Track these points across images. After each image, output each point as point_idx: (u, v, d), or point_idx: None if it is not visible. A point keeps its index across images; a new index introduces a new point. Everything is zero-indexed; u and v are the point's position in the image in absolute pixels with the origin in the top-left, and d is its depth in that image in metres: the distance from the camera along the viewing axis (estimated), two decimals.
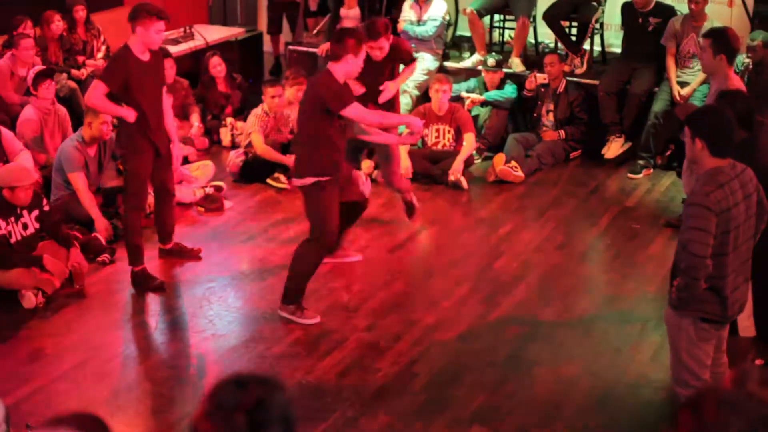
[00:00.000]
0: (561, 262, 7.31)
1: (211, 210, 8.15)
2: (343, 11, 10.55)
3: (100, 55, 10.05)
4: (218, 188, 8.41)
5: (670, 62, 8.97)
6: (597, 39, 10.01)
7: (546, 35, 10.22)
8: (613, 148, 9.28)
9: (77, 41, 9.92)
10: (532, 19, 9.97)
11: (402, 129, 7.17)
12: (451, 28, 10.51)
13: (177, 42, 10.66)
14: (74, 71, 9.66)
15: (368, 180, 7.39)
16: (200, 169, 8.48)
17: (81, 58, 9.88)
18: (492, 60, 9.53)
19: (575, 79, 9.55)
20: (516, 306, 6.60)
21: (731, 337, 5.04)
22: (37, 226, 6.71)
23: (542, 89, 9.35)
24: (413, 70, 7.73)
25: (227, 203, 8.27)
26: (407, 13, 9.96)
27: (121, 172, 8.09)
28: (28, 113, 8.26)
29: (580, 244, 7.82)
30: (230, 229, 7.84)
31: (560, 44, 9.96)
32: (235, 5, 12.65)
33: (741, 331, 5.79)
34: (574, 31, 9.93)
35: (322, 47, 9.99)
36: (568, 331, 6.27)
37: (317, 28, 11.43)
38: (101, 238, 7.26)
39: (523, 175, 8.79)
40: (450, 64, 10.13)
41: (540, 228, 7.91)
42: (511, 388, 5.61)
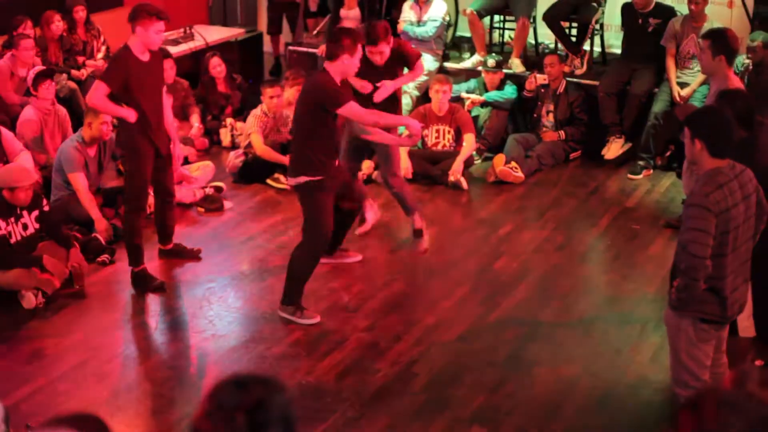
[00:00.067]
0: (561, 262, 7.31)
1: (211, 210, 8.15)
2: (343, 12, 10.56)
3: (100, 55, 10.05)
4: (218, 189, 8.42)
5: (670, 63, 8.97)
6: (597, 40, 10.01)
7: (546, 36, 10.22)
8: (613, 148, 9.28)
9: (77, 42, 9.92)
10: (532, 20, 9.97)
11: (402, 130, 7.17)
12: (451, 29, 10.51)
13: (177, 42, 10.66)
14: (74, 72, 9.66)
15: (376, 206, 7.38)
16: (200, 170, 8.48)
17: (81, 59, 9.88)
18: (492, 61, 9.53)
19: (575, 79, 9.55)
20: (516, 306, 6.60)
21: (731, 338, 5.04)
22: (37, 226, 6.71)
23: (542, 90, 9.35)
24: (416, 75, 7.42)
25: (227, 204, 8.27)
26: (407, 13, 9.96)
27: (121, 173, 8.09)
28: (28, 114, 8.25)
29: (580, 244, 7.82)
30: (230, 230, 7.84)
31: (560, 45, 9.97)
32: (235, 6, 12.65)
33: (741, 332, 5.80)
34: (574, 31, 9.93)
35: (322, 48, 9.99)
36: (568, 332, 6.27)
37: (317, 28, 11.43)
38: (101, 238, 7.26)
39: (523, 175, 8.79)
40: (450, 65, 10.13)
41: (540, 229, 7.91)
42: (511, 389, 5.62)
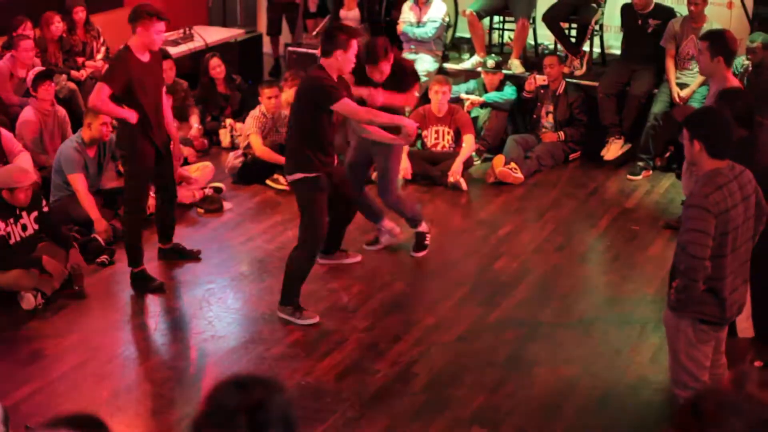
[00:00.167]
0: (560, 263, 7.31)
1: (210, 211, 8.15)
2: (342, 12, 10.57)
3: (99, 56, 10.05)
4: (218, 190, 8.42)
5: (670, 64, 8.97)
6: (596, 40, 10.02)
7: (545, 37, 10.22)
8: (613, 149, 9.28)
9: (77, 42, 9.92)
10: (531, 21, 9.97)
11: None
12: (450, 30, 10.51)
13: (176, 43, 10.65)
14: (74, 72, 9.66)
15: (397, 229, 7.34)
16: (199, 171, 8.47)
17: (80, 60, 9.88)
18: (491, 61, 9.52)
19: (575, 80, 9.55)
20: (515, 307, 6.60)
21: (730, 339, 5.04)
22: (36, 227, 6.71)
23: (542, 91, 9.35)
24: (406, 103, 7.08)
25: (227, 205, 8.27)
26: (407, 14, 9.97)
27: (120, 174, 8.09)
28: (27, 114, 8.25)
29: (579, 245, 7.82)
30: (229, 231, 7.84)
31: (560, 46, 9.97)
32: (234, 6, 12.65)
33: (740, 333, 5.79)
34: (573, 32, 9.93)
35: None
36: (568, 332, 6.27)
37: (317, 29, 11.42)
38: (100, 239, 7.26)
39: (522, 176, 8.79)
40: (449, 66, 10.13)
41: (539, 229, 7.91)
42: (511, 389, 5.62)
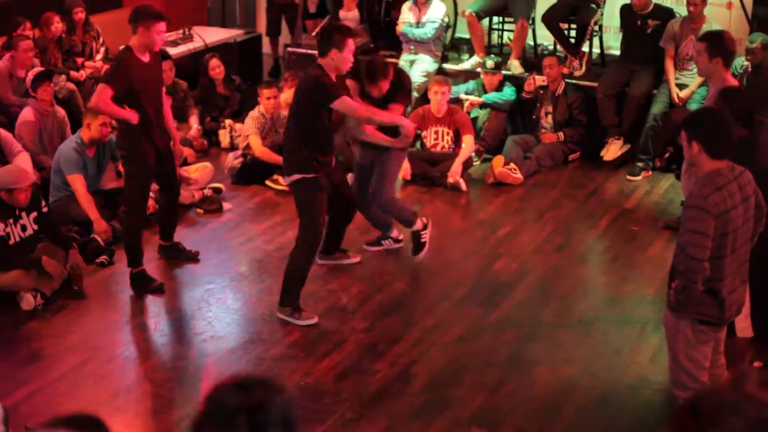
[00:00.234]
0: (560, 263, 7.31)
1: (209, 212, 8.15)
2: (341, 13, 10.57)
3: (98, 56, 10.06)
4: (217, 190, 8.41)
5: (669, 64, 8.97)
6: (596, 41, 10.02)
7: (545, 37, 10.22)
8: (612, 150, 9.28)
9: (76, 43, 9.93)
10: (530, 22, 9.97)
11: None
12: (450, 30, 10.51)
13: (176, 44, 10.65)
14: (73, 73, 9.66)
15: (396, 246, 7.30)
16: (199, 171, 8.47)
17: (80, 60, 9.89)
18: (491, 62, 9.53)
19: (574, 81, 9.55)
20: (515, 307, 6.60)
21: (729, 339, 5.04)
22: (35, 227, 6.71)
23: (541, 91, 9.35)
24: (393, 120, 6.66)
25: (226, 205, 8.27)
26: (406, 15, 9.97)
27: (120, 174, 8.08)
28: (26, 115, 8.24)
29: (579, 245, 7.82)
30: (229, 231, 7.84)
31: (559, 46, 9.97)
32: (234, 7, 12.66)
33: (738, 332, 5.79)
34: (573, 33, 9.93)
35: None
36: (568, 333, 6.27)
37: (316, 30, 11.41)
38: (100, 239, 7.26)
39: (521, 177, 8.79)
40: (449, 66, 10.13)
41: (539, 230, 7.91)
42: (511, 389, 5.62)
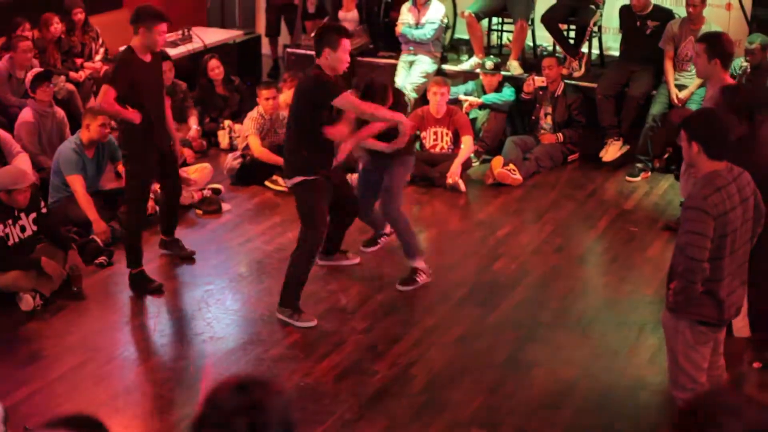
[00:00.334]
0: (559, 264, 7.31)
1: (209, 213, 8.14)
2: (341, 14, 10.56)
3: (98, 57, 10.06)
4: (216, 191, 8.41)
5: (668, 65, 8.98)
6: (595, 42, 10.02)
7: (544, 38, 10.22)
8: (611, 151, 9.28)
9: (75, 44, 9.92)
10: (530, 22, 9.98)
11: None
12: (449, 31, 10.51)
13: (175, 44, 10.64)
14: (72, 74, 9.66)
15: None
16: (198, 172, 8.47)
17: (79, 61, 9.88)
18: (490, 63, 9.53)
19: (573, 82, 9.55)
20: (514, 308, 6.60)
21: (727, 339, 5.03)
22: (34, 228, 6.70)
23: (540, 92, 9.35)
24: (374, 129, 6.56)
25: (225, 206, 8.27)
26: (405, 16, 9.96)
27: (119, 175, 8.08)
28: (25, 115, 8.24)
29: (578, 246, 7.82)
30: (228, 232, 7.84)
31: (558, 47, 9.97)
32: (233, 8, 12.65)
33: (736, 332, 5.78)
34: (572, 34, 9.93)
35: None
36: (566, 334, 6.27)
37: (315, 30, 11.41)
38: (99, 240, 7.26)
39: (521, 178, 8.79)
40: (448, 67, 10.13)
41: (538, 231, 7.91)
42: (510, 390, 5.62)
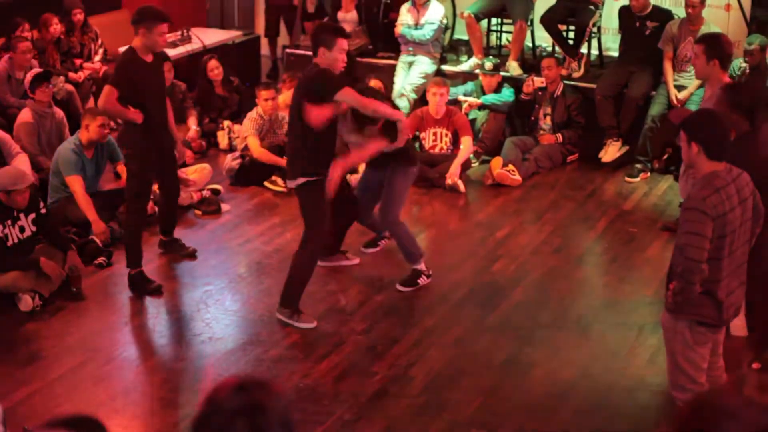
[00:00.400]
0: (558, 265, 7.32)
1: (208, 213, 8.14)
2: (340, 14, 10.56)
3: (97, 58, 10.06)
4: (215, 191, 8.41)
5: (668, 66, 8.98)
6: (594, 43, 10.02)
7: (543, 39, 10.23)
8: (611, 151, 9.28)
9: (75, 44, 9.93)
10: (529, 23, 9.98)
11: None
12: (448, 32, 10.51)
13: (174, 45, 10.63)
14: (71, 74, 9.65)
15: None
16: (197, 173, 8.47)
17: (78, 61, 9.88)
18: (489, 63, 9.53)
19: (572, 82, 9.55)
20: (513, 309, 6.60)
21: (726, 339, 5.03)
22: (34, 229, 6.70)
23: (539, 93, 9.35)
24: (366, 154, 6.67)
25: (224, 206, 8.26)
26: (405, 16, 9.96)
27: (118, 176, 8.09)
28: (25, 116, 8.24)
29: (577, 247, 7.82)
30: (227, 233, 7.83)
31: (558, 48, 9.97)
32: (232, 8, 12.65)
33: (733, 331, 5.77)
34: (571, 34, 9.93)
35: None
36: (566, 335, 6.27)
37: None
38: (98, 241, 7.26)
39: (520, 178, 8.79)
40: (447, 68, 10.13)
41: (537, 231, 7.91)
42: (509, 391, 5.62)
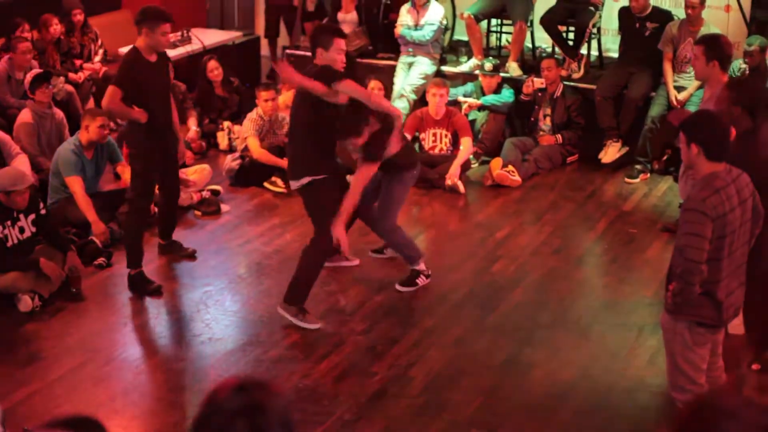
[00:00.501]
0: (558, 266, 7.32)
1: (208, 214, 8.14)
2: (340, 15, 10.55)
3: (97, 58, 10.06)
4: (215, 192, 8.41)
5: (667, 67, 8.98)
6: (594, 43, 10.02)
7: (543, 40, 10.23)
8: (610, 152, 9.28)
9: (75, 45, 9.93)
10: (529, 24, 9.98)
11: None
12: (448, 33, 10.51)
13: (174, 46, 10.61)
14: (71, 75, 9.66)
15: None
16: (197, 173, 8.47)
17: (78, 62, 9.88)
18: (489, 64, 9.53)
19: (572, 83, 9.55)
20: (513, 310, 6.60)
21: (725, 340, 5.03)
22: (33, 229, 6.70)
23: (539, 94, 9.35)
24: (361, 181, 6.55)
25: (224, 207, 8.26)
26: (404, 17, 9.96)
27: (118, 176, 8.09)
28: (24, 117, 8.24)
29: (577, 248, 7.82)
30: (227, 233, 7.83)
31: (557, 49, 9.97)
32: (232, 9, 12.65)
33: (730, 329, 5.75)
34: (571, 35, 9.92)
35: None
36: (565, 335, 6.27)
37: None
38: (98, 241, 7.26)
39: (520, 179, 8.80)
40: (447, 69, 10.13)
41: (537, 232, 7.91)
42: (508, 392, 5.62)
